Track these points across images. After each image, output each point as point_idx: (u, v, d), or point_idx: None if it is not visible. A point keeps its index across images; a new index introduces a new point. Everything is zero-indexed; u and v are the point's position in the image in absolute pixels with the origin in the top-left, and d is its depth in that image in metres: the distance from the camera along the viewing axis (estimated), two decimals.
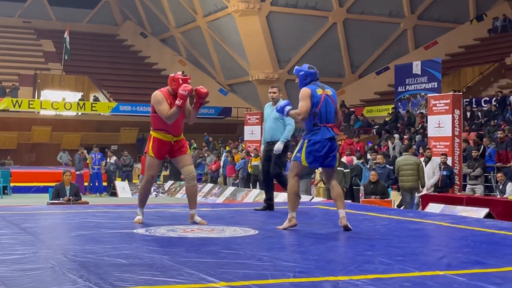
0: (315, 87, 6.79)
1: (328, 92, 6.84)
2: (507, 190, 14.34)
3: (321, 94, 6.74)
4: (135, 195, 22.93)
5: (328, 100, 6.79)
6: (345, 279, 4.31)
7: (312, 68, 6.93)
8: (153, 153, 7.27)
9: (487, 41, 33.37)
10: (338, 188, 6.87)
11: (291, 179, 6.89)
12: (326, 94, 6.78)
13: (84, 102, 34.01)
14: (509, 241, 6.30)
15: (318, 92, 6.74)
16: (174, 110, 7.03)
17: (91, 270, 4.45)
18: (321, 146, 6.71)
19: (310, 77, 6.87)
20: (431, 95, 17.94)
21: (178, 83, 7.11)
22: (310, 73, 6.89)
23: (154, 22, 40.96)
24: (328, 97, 6.79)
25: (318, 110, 6.68)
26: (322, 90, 6.79)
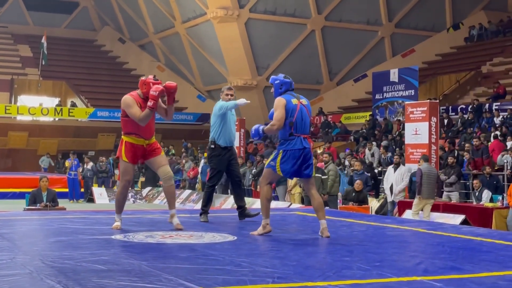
0: (291, 97, 6.80)
1: (303, 102, 6.85)
2: (483, 197, 14.49)
3: (297, 104, 6.75)
4: (112, 201, 22.81)
5: (303, 111, 6.80)
6: (324, 285, 4.33)
7: (287, 78, 6.92)
8: (127, 157, 7.23)
9: (464, 50, 33.72)
10: (318, 198, 6.86)
11: (264, 186, 6.90)
12: (302, 104, 6.79)
13: (62, 107, 33.80)
14: (485, 247, 6.37)
15: (293, 102, 6.75)
16: (147, 112, 7.03)
17: (69, 276, 4.43)
18: (295, 156, 6.71)
19: (285, 86, 6.86)
20: (408, 103, 18.07)
21: (149, 87, 7.13)
22: (285, 83, 6.86)
23: (132, 28, 40.85)
24: (303, 107, 6.79)
25: (294, 120, 6.69)
26: (298, 100, 6.79)
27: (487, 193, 14.54)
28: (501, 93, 25.52)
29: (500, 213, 13.53)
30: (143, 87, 7.21)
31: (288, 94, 6.83)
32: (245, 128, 23.75)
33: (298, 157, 6.71)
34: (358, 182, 14.80)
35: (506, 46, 31.29)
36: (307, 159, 6.78)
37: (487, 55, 31.18)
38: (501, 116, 22.15)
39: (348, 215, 9.50)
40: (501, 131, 19.69)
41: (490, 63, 30.29)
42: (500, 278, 4.68)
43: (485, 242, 6.64)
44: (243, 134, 23.33)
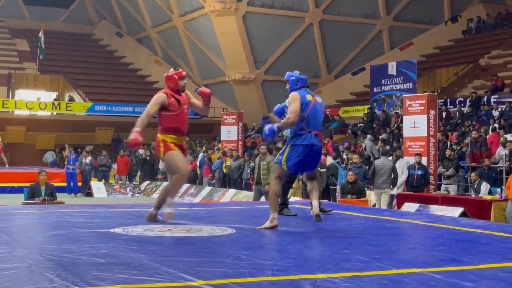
0: (305, 93, 6.85)
1: (318, 99, 6.91)
2: (481, 189, 14.50)
3: (311, 100, 6.80)
4: (110, 195, 22.81)
5: (317, 107, 6.84)
6: (323, 277, 4.32)
7: (303, 75, 6.99)
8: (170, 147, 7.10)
9: (462, 43, 33.71)
10: (317, 187, 7.11)
11: (273, 181, 6.93)
12: (316, 101, 6.85)
13: (59, 102, 33.73)
14: (484, 239, 6.36)
15: (307, 97, 6.79)
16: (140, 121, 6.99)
17: (68, 269, 4.42)
18: (302, 152, 6.73)
19: (301, 83, 6.91)
20: (407, 96, 18.09)
21: (174, 80, 7.08)
22: (301, 79, 6.93)
23: (130, 22, 40.77)
24: (317, 104, 6.85)
25: (307, 115, 6.71)
26: (312, 97, 6.86)
27: (485, 185, 14.55)
28: (499, 86, 25.52)
29: (498, 205, 13.53)
30: (169, 82, 7.13)
31: (302, 90, 6.88)
32: (243, 122, 23.73)
33: (305, 153, 6.73)
34: (350, 173, 14.77)
35: (504, 39, 31.29)
36: (314, 157, 6.82)
37: (485, 48, 31.17)
38: (499, 109, 22.15)
39: (347, 208, 9.50)
40: (499, 124, 19.70)
41: (488, 56, 30.28)
42: (500, 270, 4.67)
43: (484, 234, 6.64)
44: (241, 128, 23.33)
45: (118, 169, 24.96)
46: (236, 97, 34.51)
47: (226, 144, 23.21)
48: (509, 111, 21.20)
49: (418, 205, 14.10)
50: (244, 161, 20.73)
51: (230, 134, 23.52)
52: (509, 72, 26.54)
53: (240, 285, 4.06)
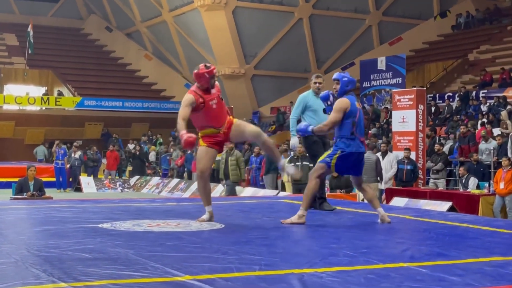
0: (354, 99, 6.83)
1: (359, 105, 6.94)
2: (469, 184, 14.57)
3: (359, 107, 6.86)
4: (100, 190, 22.77)
5: (362, 114, 6.90)
6: (310, 272, 4.33)
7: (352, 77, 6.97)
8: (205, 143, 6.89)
9: (451, 38, 33.80)
10: (370, 190, 7.11)
11: (313, 180, 6.85)
12: (360, 108, 6.91)
13: (48, 97, 33.63)
14: (472, 233, 6.39)
15: (357, 105, 6.81)
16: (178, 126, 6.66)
17: (55, 264, 4.41)
18: (351, 158, 6.78)
19: (352, 85, 6.86)
20: (396, 91, 18.13)
21: (205, 79, 6.81)
22: (352, 81, 6.86)
23: (119, 16, 40.62)
24: (361, 111, 6.90)
25: (357, 120, 6.74)
26: (359, 104, 6.93)
27: (473, 180, 14.62)
28: (488, 81, 25.62)
29: (486, 199, 13.61)
30: (200, 80, 6.85)
31: (351, 95, 6.83)
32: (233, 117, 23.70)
33: (355, 160, 6.83)
34: None
35: (493, 34, 31.40)
36: (360, 162, 6.92)
37: (474, 43, 31.27)
38: (488, 103, 22.24)
39: (336, 203, 9.51)
40: (488, 119, 19.78)
41: (477, 51, 30.38)
42: (486, 264, 4.69)
43: (471, 229, 6.67)
44: None
45: (108, 164, 24.92)
46: (226, 92, 34.42)
47: None
48: (497, 106, 21.29)
49: (407, 199, 14.16)
50: None
51: None
52: (498, 67, 26.64)
53: (227, 280, 4.07)
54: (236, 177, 14.40)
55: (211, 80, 6.86)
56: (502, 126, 18.81)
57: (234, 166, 14.25)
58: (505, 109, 20.08)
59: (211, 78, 6.85)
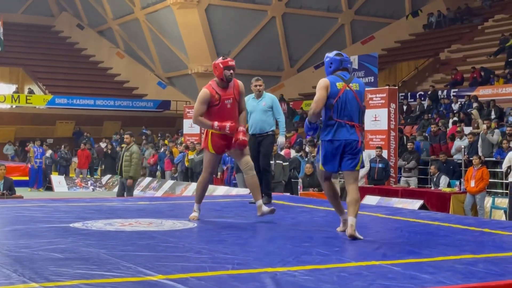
0: (337, 79, 5.98)
1: (353, 86, 6.00)
2: (440, 182, 14.71)
3: (341, 88, 5.93)
4: (71, 189, 22.57)
5: (350, 95, 5.95)
6: (283, 270, 4.34)
7: (339, 55, 6.13)
8: (213, 149, 6.89)
9: (422, 37, 34.08)
10: (354, 194, 5.99)
11: (322, 184, 6.25)
12: (350, 89, 5.96)
13: (19, 94, 33.23)
14: (443, 231, 6.45)
15: (338, 85, 5.93)
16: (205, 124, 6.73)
17: (26, 264, 4.36)
18: (334, 147, 5.94)
19: (335, 64, 6.07)
20: (368, 89, 18.20)
21: (219, 69, 6.75)
22: (334, 60, 6.08)
23: (91, 14, 40.28)
24: (350, 92, 5.95)
25: (335, 103, 5.91)
26: (345, 84, 5.96)
27: (444, 178, 14.76)
28: (458, 79, 25.88)
29: (457, 198, 13.76)
30: (215, 71, 6.82)
31: (336, 75, 6.03)
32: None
33: (336, 147, 5.93)
34: (307, 166, 14.90)
35: (464, 33, 31.72)
36: (349, 151, 5.94)
37: (445, 42, 31.57)
38: (459, 102, 22.46)
39: (309, 201, 9.54)
40: (459, 118, 19.98)
41: (448, 50, 30.67)
42: (457, 262, 4.75)
43: (442, 227, 6.74)
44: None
45: (79, 163, 24.71)
46: (198, 90, 34.20)
47: (189, 137, 23.12)
48: (468, 104, 21.51)
49: (379, 197, 14.26)
50: None
51: (192, 128, 23.42)
52: (469, 66, 26.92)
53: (200, 279, 4.06)
54: (127, 174, 13.33)
55: (225, 71, 6.77)
56: (473, 125, 19.01)
57: (128, 161, 13.25)
58: (476, 108, 20.31)
59: (225, 69, 6.77)
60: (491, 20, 31.68)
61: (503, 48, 26.62)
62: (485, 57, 27.74)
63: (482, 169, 13.78)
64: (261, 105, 8.45)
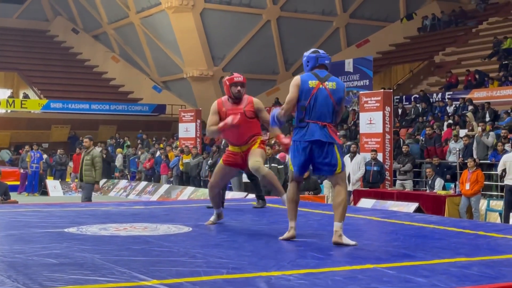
0: (310, 77, 5.75)
1: (329, 85, 5.75)
2: (435, 185, 14.72)
3: (314, 86, 5.69)
4: (66, 193, 22.54)
5: (323, 94, 5.70)
6: (278, 274, 4.34)
7: (315, 52, 5.92)
8: (222, 159, 6.91)
9: (417, 40, 34.15)
10: (338, 196, 5.77)
11: (289, 184, 5.99)
12: (325, 87, 5.72)
13: (14, 99, 33.18)
14: (438, 234, 6.46)
15: (310, 84, 5.70)
16: (213, 130, 6.75)
17: (20, 270, 4.35)
18: (305, 148, 5.70)
19: (311, 62, 5.86)
20: (363, 93, 18.25)
21: (226, 86, 6.82)
22: (310, 58, 5.87)
23: (86, 18, 40.27)
24: (323, 90, 5.70)
25: (307, 104, 5.67)
26: (319, 82, 5.72)
27: (439, 181, 14.78)
28: (453, 82, 25.94)
29: (452, 200, 13.78)
30: (224, 87, 6.90)
31: (311, 73, 5.80)
32: (201, 119, 23.67)
33: (307, 148, 5.68)
34: None
35: (459, 36, 31.80)
36: (322, 154, 5.68)
37: (440, 45, 31.64)
38: (453, 105, 22.51)
39: (304, 205, 9.52)
40: (453, 120, 20.01)
41: (443, 53, 30.75)
42: (451, 265, 4.75)
43: (437, 229, 6.74)
44: (199, 125, 23.26)
45: (74, 167, 24.62)
46: (194, 94, 34.36)
47: (184, 141, 23.12)
48: (463, 107, 21.55)
49: (374, 200, 14.26)
50: (203, 158, 20.69)
51: (188, 132, 23.43)
52: (463, 69, 26.98)
53: (195, 284, 4.06)
54: (90, 178, 12.86)
55: (232, 88, 6.79)
56: (468, 127, 19.05)
57: (89, 166, 12.81)
58: (471, 111, 20.35)
59: (231, 86, 6.80)
60: (485, 23, 31.79)
61: (498, 51, 26.70)
62: (480, 60, 27.81)
63: (477, 171, 13.80)
64: None
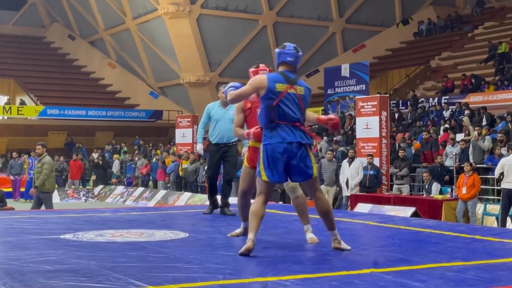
0: (278, 79, 5.37)
1: (298, 89, 5.39)
2: (432, 189, 14.73)
3: (283, 90, 5.31)
4: (63, 200, 22.50)
5: (292, 97, 5.35)
6: (274, 280, 4.33)
7: (281, 47, 5.63)
8: (248, 162, 6.37)
9: (413, 44, 34.22)
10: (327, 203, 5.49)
11: (256, 197, 5.50)
12: (295, 92, 5.36)
13: (10, 106, 33.15)
14: (434, 238, 6.45)
15: (278, 88, 5.32)
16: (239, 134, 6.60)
17: (15, 277, 4.34)
18: (276, 150, 5.26)
19: (283, 57, 5.52)
20: (359, 97, 18.28)
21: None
22: (281, 53, 5.53)
23: (82, 24, 40.28)
24: (293, 94, 5.35)
25: (275, 105, 5.29)
26: (288, 86, 5.34)
27: (436, 185, 14.78)
28: (449, 87, 25.98)
29: (449, 204, 13.79)
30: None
31: (280, 73, 5.44)
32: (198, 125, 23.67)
33: (281, 153, 5.26)
34: None
35: (454, 40, 31.87)
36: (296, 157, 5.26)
37: (436, 49, 31.71)
38: (450, 109, 22.54)
39: None
40: (450, 125, 20.04)
41: (439, 57, 30.81)
42: (448, 269, 4.74)
43: (433, 234, 6.74)
44: (196, 130, 23.26)
45: (71, 173, 24.64)
46: (191, 100, 34.38)
47: (181, 147, 23.11)
48: (459, 112, 21.58)
49: (371, 205, 14.26)
50: (200, 164, 20.68)
51: (185, 137, 23.43)
52: (459, 73, 27.03)
53: None
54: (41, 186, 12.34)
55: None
56: (464, 132, 19.07)
57: (39, 174, 12.38)
58: (467, 115, 20.38)
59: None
60: (481, 27, 31.86)
61: (494, 55, 26.75)
62: (476, 64, 27.87)
63: (474, 175, 13.81)
64: (229, 115, 8.30)
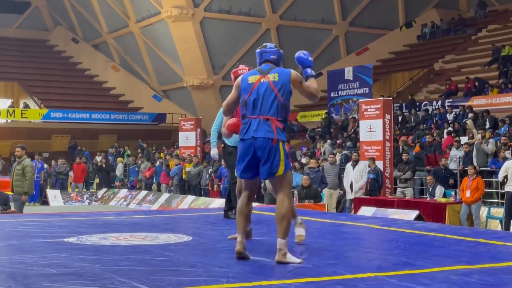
0: (253, 73, 5.44)
1: (270, 77, 5.36)
2: (436, 192, 14.70)
3: (255, 81, 5.34)
4: (67, 203, 22.52)
5: (264, 87, 5.31)
6: (279, 283, 4.33)
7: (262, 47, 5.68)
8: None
9: (416, 47, 34.19)
10: (283, 207, 5.18)
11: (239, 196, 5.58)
12: (267, 80, 5.34)
13: (14, 109, 33.20)
14: (438, 242, 6.45)
15: (250, 80, 5.37)
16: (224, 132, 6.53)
17: (19, 280, 4.34)
18: (245, 146, 5.22)
19: (258, 58, 5.60)
20: (363, 101, 18.25)
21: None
22: (263, 52, 5.60)
23: (85, 28, 40.34)
24: (266, 84, 5.31)
25: (247, 99, 5.30)
26: (260, 76, 5.36)
27: (440, 188, 14.75)
28: (453, 90, 25.95)
29: (453, 208, 13.76)
30: None
31: (255, 69, 5.53)
32: (201, 128, 23.69)
33: (248, 148, 5.19)
34: (304, 177, 14.92)
35: (458, 43, 31.84)
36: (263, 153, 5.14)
37: (439, 52, 31.68)
38: (453, 112, 22.51)
39: (304, 213, 9.52)
40: (453, 128, 20.01)
41: (442, 60, 30.78)
42: (452, 273, 4.74)
43: (437, 237, 6.73)
44: (199, 133, 23.28)
45: (75, 177, 24.65)
46: (194, 103, 34.39)
47: (184, 150, 23.12)
48: (463, 115, 21.55)
49: (375, 208, 14.24)
50: (204, 167, 20.68)
51: (188, 141, 23.43)
52: (463, 76, 27.00)
53: None
54: (20, 189, 12.12)
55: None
56: (468, 135, 19.05)
57: (20, 176, 12.08)
58: (471, 118, 20.36)
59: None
60: (485, 30, 31.83)
61: (497, 58, 26.72)
62: (479, 67, 27.83)
63: (477, 178, 13.79)
64: None
